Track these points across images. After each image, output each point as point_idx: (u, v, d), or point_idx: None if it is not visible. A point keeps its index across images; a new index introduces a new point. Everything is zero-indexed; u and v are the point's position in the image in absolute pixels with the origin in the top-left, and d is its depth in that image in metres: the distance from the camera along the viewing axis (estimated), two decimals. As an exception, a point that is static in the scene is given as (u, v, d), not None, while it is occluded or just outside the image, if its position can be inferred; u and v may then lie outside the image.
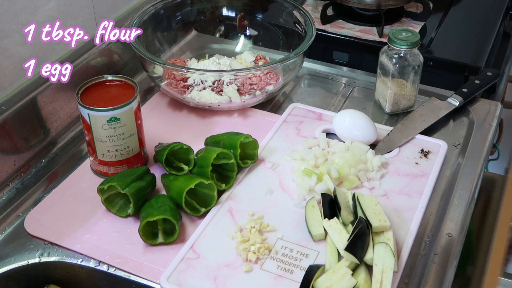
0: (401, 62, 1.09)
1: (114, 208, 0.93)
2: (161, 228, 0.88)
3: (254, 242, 0.86)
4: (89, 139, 0.96)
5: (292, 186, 0.97)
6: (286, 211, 0.93)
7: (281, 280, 0.82)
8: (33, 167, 1.03)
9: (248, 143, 1.00)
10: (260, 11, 1.33)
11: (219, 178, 0.96)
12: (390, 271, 0.79)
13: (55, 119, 1.07)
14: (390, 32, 1.09)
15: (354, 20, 1.44)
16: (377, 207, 0.87)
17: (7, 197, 0.98)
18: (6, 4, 0.95)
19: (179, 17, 1.31)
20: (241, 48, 1.32)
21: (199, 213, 0.92)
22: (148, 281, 0.83)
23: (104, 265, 0.86)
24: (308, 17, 1.20)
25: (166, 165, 0.96)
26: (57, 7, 1.05)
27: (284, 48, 1.27)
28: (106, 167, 0.98)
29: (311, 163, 0.98)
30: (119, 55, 1.20)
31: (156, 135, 1.06)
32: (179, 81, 1.13)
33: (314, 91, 1.23)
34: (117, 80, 0.99)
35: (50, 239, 0.89)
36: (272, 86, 1.14)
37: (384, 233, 0.85)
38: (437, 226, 0.92)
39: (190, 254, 0.85)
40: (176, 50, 1.30)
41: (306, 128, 1.09)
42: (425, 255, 0.88)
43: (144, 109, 1.13)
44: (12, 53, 0.99)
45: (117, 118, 0.93)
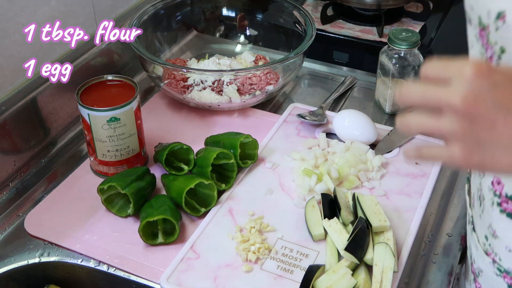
0: (401, 62, 1.09)
1: (114, 208, 0.93)
2: (161, 228, 0.88)
3: (254, 242, 0.86)
4: (89, 139, 0.96)
5: (292, 186, 0.97)
6: (286, 211, 0.93)
7: (281, 280, 0.82)
8: (33, 167, 1.03)
9: (248, 143, 1.00)
10: (260, 11, 1.33)
11: (219, 178, 0.96)
12: (390, 271, 0.79)
13: (55, 119, 1.07)
14: (390, 32, 1.09)
15: (354, 20, 1.44)
16: (377, 207, 0.87)
17: (7, 197, 0.98)
18: (6, 4, 0.95)
19: (179, 17, 1.31)
20: (241, 48, 1.32)
21: (199, 213, 0.92)
22: (148, 281, 0.83)
23: (104, 265, 0.86)
24: (308, 17, 1.20)
25: (166, 165, 0.96)
26: (57, 7, 1.05)
27: (284, 48, 1.27)
28: (106, 167, 0.98)
29: (311, 163, 0.98)
30: (119, 55, 1.20)
31: (156, 135, 1.06)
32: (179, 81, 1.13)
33: (314, 91, 1.23)
34: (117, 80, 0.99)
35: (50, 239, 0.89)
36: (272, 86, 1.14)
37: (384, 233, 0.85)
38: (437, 226, 0.92)
39: (190, 254, 0.85)
40: (176, 50, 1.30)
41: (306, 128, 1.09)
42: (425, 255, 0.88)
43: (144, 109, 1.13)
44: (12, 53, 0.99)
45: (117, 118, 0.93)
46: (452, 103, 0.48)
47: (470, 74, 0.48)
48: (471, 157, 0.50)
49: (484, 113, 0.48)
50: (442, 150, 0.52)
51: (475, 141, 0.49)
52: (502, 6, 0.53)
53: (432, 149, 0.53)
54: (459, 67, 0.49)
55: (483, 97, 0.47)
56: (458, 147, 0.50)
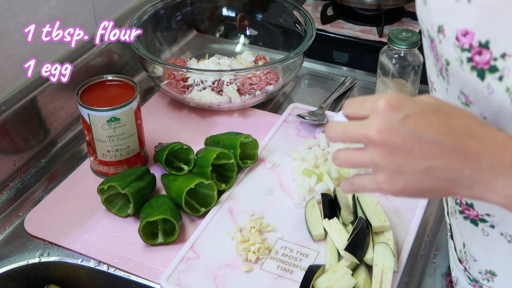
0: (401, 62, 1.09)
1: (114, 208, 0.93)
2: (161, 228, 0.88)
3: (254, 242, 0.86)
4: (89, 139, 0.96)
5: (292, 186, 0.97)
6: (286, 211, 0.93)
7: (281, 280, 0.82)
8: (33, 167, 1.03)
9: (248, 143, 1.00)
10: (260, 11, 1.33)
11: (219, 178, 0.96)
12: (390, 271, 0.79)
13: (55, 119, 1.07)
14: (390, 32, 1.09)
15: (354, 20, 1.44)
16: (377, 207, 0.87)
17: (7, 197, 0.98)
18: (6, 4, 0.95)
19: (179, 17, 1.31)
20: (241, 48, 1.32)
21: (199, 213, 0.92)
22: (148, 281, 0.83)
23: (104, 265, 0.86)
24: (308, 17, 1.20)
25: (166, 165, 0.96)
26: (57, 7, 1.05)
27: (284, 48, 1.27)
28: (106, 167, 0.98)
29: (311, 163, 0.98)
30: (119, 55, 1.20)
31: (156, 135, 1.06)
32: (179, 81, 1.13)
33: (314, 91, 1.23)
34: (117, 80, 0.99)
35: (50, 239, 0.89)
36: (272, 86, 1.14)
37: (384, 233, 0.85)
38: (437, 226, 0.92)
39: (190, 254, 0.85)
40: (176, 50, 1.30)
41: (306, 128, 1.09)
42: (425, 255, 0.88)
43: (144, 109, 1.13)
44: (12, 53, 0.99)
45: (117, 118, 0.93)
46: (369, 136, 0.53)
47: (382, 107, 0.52)
48: (395, 183, 0.53)
49: (399, 141, 0.52)
50: (370, 179, 0.55)
51: (396, 168, 0.53)
52: (440, 20, 0.56)
53: (361, 179, 0.57)
54: (373, 102, 0.53)
55: (396, 127, 0.52)
56: (381, 175, 0.54)
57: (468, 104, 0.57)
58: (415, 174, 0.52)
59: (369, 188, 0.56)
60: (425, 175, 0.52)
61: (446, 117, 0.52)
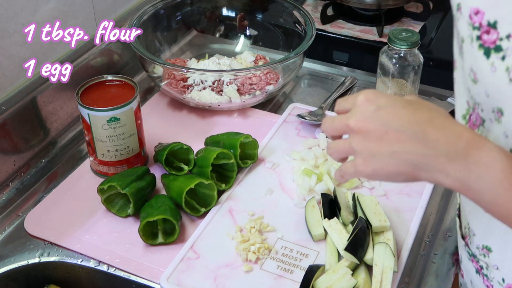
0: (401, 62, 1.09)
1: (114, 208, 0.93)
2: (161, 228, 0.88)
3: (254, 242, 0.86)
4: (89, 139, 0.96)
5: (292, 186, 0.97)
6: (286, 211, 0.93)
7: (281, 280, 0.82)
8: (33, 167, 1.03)
9: (248, 143, 1.00)
10: (260, 11, 1.33)
11: (219, 178, 0.96)
12: (390, 271, 0.79)
13: (55, 119, 1.07)
14: (390, 32, 1.09)
15: (354, 20, 1.44)
16: (377, 207, 0.87)
17: (7, 197, 0.98)
18: (6, 4, 0.95)
19: (179, 17, 1.31)
20: (241, 48, 1.32)
21: (199, 213, 0.92)
22: (148, 281, 0.83)
23: (104, 265, 0.86)
24: (308, 17, 1.20)
25: (166, 165, 0.96)
26: (57, 7, 1.05)
27: (284, 48, 1.27)
28: (106, 167, 0.98)
29: (311, 163, 0.98)
30: (119, 55, 1.20)
31: (156, 135, 1.06)
32: (179, 81, 1.13)
33: (314, 91, 1.23)
34: (117, 80, 0.99)
35: (50, 239, 0.89)
36: (272, 86, 1.14)
37: (384, 233, 0.85)
38: (437, 226, 0.92)
39: (190, 254, 0.85)
40: (176, 50, 1.30)
41: (306, 128, 1.09)
42: (425, 255, 0.88)
43: (144, 109, 1.13)
44: (12, 53, 0.99)
45: (117, 118, 0.93)
46: (348, 125, 0.61)
47: (360, 101, 0.62)
48: (368, 166, 0.61)
49: (371, 129, 0.60)
50: (350, 164, 0.63)
51: (369, 152, 0.60)
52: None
53: (344, 165, 0.64)
54: (354, 98, 0.63)
55: (370, 116, 0.60)
56: (359, 159, 0.61)
57: (475, 81, 0.62)
58: (384, 157, 0.59)
59: (351, 171, 0.63)
60: (392, 158, 0.59)
61: (414, 110, 0.60)
